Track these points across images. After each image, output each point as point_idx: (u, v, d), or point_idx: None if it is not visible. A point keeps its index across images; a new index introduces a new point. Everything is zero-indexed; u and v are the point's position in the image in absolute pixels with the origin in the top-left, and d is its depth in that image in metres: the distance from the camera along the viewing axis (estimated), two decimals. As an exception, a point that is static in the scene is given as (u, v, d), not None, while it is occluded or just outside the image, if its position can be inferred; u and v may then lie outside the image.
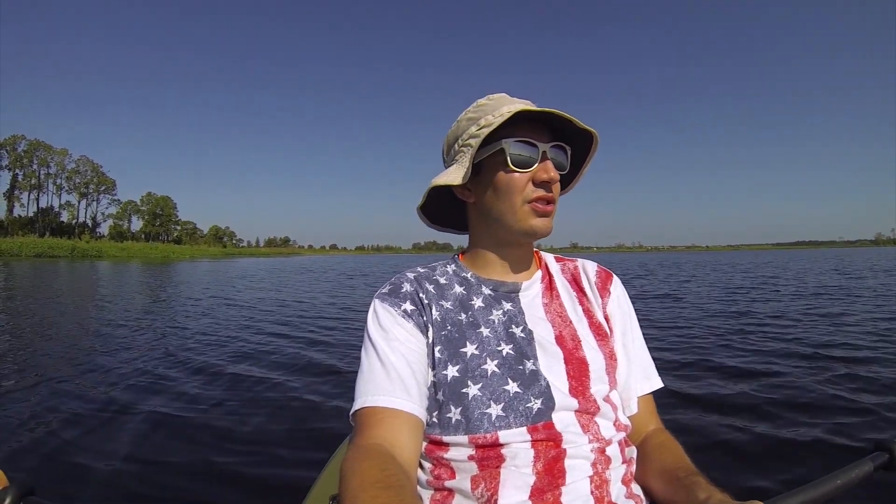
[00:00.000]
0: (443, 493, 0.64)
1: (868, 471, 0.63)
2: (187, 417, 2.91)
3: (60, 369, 4.08)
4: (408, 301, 0.73)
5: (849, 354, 4.17)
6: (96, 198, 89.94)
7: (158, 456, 2.38)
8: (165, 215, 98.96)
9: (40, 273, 19.43)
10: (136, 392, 3.43)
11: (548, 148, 0.71)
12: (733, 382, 3.47)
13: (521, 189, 0.72)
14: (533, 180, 0.71)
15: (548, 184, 0.71)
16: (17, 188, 77.71)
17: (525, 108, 0.70)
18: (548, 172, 0.70)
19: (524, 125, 0.72)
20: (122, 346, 5.13)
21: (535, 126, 0.72)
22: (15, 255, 40.47)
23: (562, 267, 0.84)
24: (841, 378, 3.46)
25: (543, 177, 0.70)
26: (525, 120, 0.72)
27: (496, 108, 0.73)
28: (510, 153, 0.71)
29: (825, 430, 2.54)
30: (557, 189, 0.74)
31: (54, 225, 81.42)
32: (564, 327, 0.74)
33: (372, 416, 0.62)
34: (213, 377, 3.83)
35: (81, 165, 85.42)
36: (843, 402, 2.96)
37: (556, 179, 0.71)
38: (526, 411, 0.64)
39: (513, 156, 0.71)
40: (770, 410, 2.87)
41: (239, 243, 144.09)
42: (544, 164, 0.71)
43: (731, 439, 2.48)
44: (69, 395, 3.34)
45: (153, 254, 57.28)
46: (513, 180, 0.72)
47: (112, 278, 17.32)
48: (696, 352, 4.47)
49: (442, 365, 0.68)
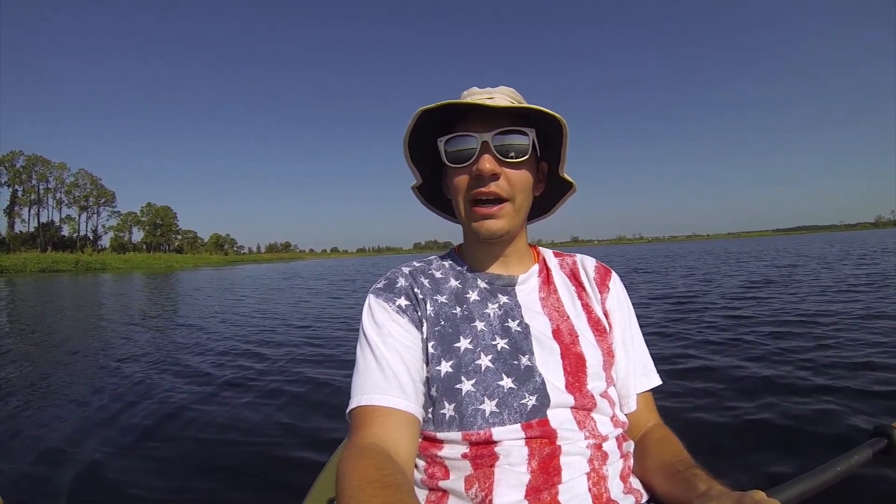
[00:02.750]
0: (437, 494, 0.63)
1: (867, 457, 0.62)
2: (186, 421, 2.93)
3: (59, 380, 4.08)
4: (402, 296, 0.71)
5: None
6: (96, 210, 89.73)
7: (157, 459, 2.40)
8: (166, 225, 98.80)
9: (47, 288, 19.31)
10: (134, 397, 3.43)
11: (490, 137, 0.66)
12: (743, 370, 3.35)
13: (463, 188, 0.70)
14: (471, 176, 0.68)
15: (484, 178, 0.67)
16: (17, 204, 77.54)
17: (438, 105, 0.66)
18: (482, 165, 0.65)
19: (476, 117, 0.68)
20: (121, 353, 5.13)
21: (491, 116, 0.67)
22: (19, 271, 40.33)
23: (560, 262, 0.83)
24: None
25: (475, 171, 0.66)
26: (483, 112, 0.67)
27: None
28: (445, 150, 0.69)
29: (823, 416, 2.50)
30: (521, 179, 0.69)
31: (56, 239, 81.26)
32: (562, 322, 0.72)
33: (368, 415, 0.61)
34: (212, 380, 3.84)
35: (80, 179, 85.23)
36: (845, 388, 2.88)
37: (488, 172, 0.65)
38: (520, 408, 0.63)
39: (448, 153, 0.69)
40: (768, 399, 2.77)
41: (240, 250, 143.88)
42: (481, 157, 0.66)
43: (729, 430, 2.43)
44: (68, 407, 3.31)
45: (156, 264, 57.35)
46: (455, 179, 0.70)
47: (120, 290, 17.23)
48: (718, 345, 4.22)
49: (435, 361, 0.67)
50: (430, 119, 0.69)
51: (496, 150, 0.66)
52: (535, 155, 0.72)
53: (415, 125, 0.69)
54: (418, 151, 0.76)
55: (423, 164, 0.78)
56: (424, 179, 0.80)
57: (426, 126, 0.71)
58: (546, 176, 0.79)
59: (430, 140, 0.72)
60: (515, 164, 0.68)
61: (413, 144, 0.73)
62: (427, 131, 0.72)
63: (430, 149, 0.72)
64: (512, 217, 0.70)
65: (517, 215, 0.71)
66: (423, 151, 0.76)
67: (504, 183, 0.68)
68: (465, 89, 0.75)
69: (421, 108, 0.66)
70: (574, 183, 0.77)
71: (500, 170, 0.67)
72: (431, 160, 0.75)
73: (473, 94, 0.72)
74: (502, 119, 0.67)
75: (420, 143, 0.74)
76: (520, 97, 0.74)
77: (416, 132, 0.71)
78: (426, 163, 0.78)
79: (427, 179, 0.80)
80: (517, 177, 0.68)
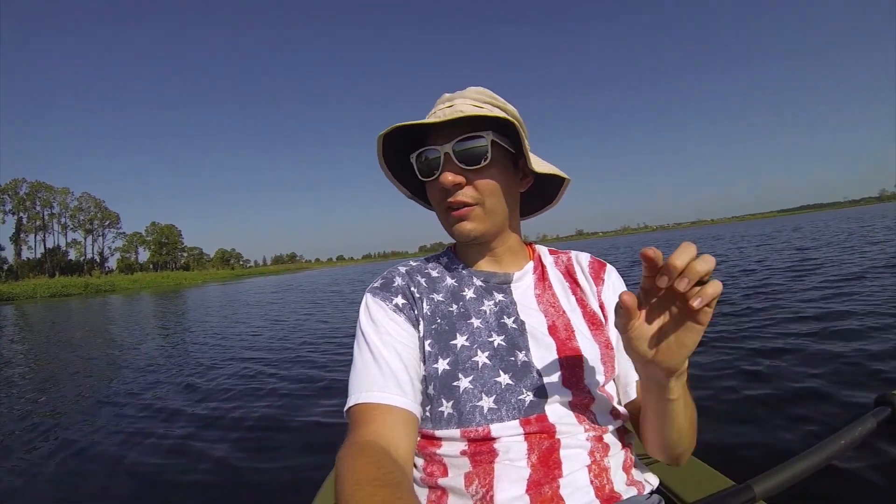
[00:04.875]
0: (437, 492, 0.63)
1: (871, 427, 0.62)
2: (190, 427, 2.94)
3: (64, 408, 3.93)
4: (399, 295, 0.72)
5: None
6: (102, 233, 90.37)
7: (160, 466, 2.40)
8: (171, 243, 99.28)
9: (59, 313, 19.11)
10: (140, 409, 3.45)
11: (450, 148, 0.68)
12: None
13: (437, 198, 0.72)
14: (439, 187, 0.70)
15: (449, 190, 0.69)
16: (22, 231, 78.05)
17: (389, 129, 0.68)
18: (443, 179, 0.68)
19: (439, 128, 0.70)
20: (122, 369, 5.15)
21: (452, 126, 0.69)
22: (30, 298, 40.33)
23: (555, 259, 0.83)
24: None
25: (440, 185, 0.69)
26: (442, 122, 0.69)
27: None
28: (416, 165, 0.72)
29: (826, 385, 2.50)
30: (487, 183, 0.70)
31: (63, 264, 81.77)
32: (558, 317, 0.73)
33: (366, 413, 0.61)
34: (215, 389, 3.84)
35: (84, 202, 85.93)
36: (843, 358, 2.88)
37: (449, 184, 0.68)
38: (518, 404, 0.64)
39: (419, 168, 0.72)
40: (769, 373, 2.80)
41: (246, 264, 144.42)
42: (443, 170, 0.68)
43: (730, 406, 2.42)
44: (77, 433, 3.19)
45: (165, 282, 57.15)
46: (430, 190, 0.73)
47: (130, 311, 17.03)
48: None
49: (432, 358, 0.67)
50: (408, 133, 0.72)
51: (458, 159, 0.68)
52: (504, 153, 0.72)
53: (393, 143, 0.72)
54: (406, 162, 0.76)
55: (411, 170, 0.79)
56: (418, 185, 0.80)
57: (407, 138, 0.73)
58: (532, 170, 0.76)
59: (412, 150, 0.74)
60: (479, 170, 0.69)
61: (394, 158, 0.76)
62: (410, 142, 0.74)
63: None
64: (483, 219, 0.71)
65: (489, 217, 0.71)
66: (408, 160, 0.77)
67: (470, 190, 0.69)
68: (469, 83, 0.75)
69: (379, 134, 0.69)
70: (559, 173, 0.76)
71: (462, 179, 0.68)
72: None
73: (443, 101, 0.73)
74: (463, 127, 0.68)
75: (405, 154, 0.75)
76: (490, 96, 0.73)
77: (398, 147, 0.74)
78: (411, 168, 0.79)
79: (419, 183, 0.80)
80: (482, 181, 0.69)
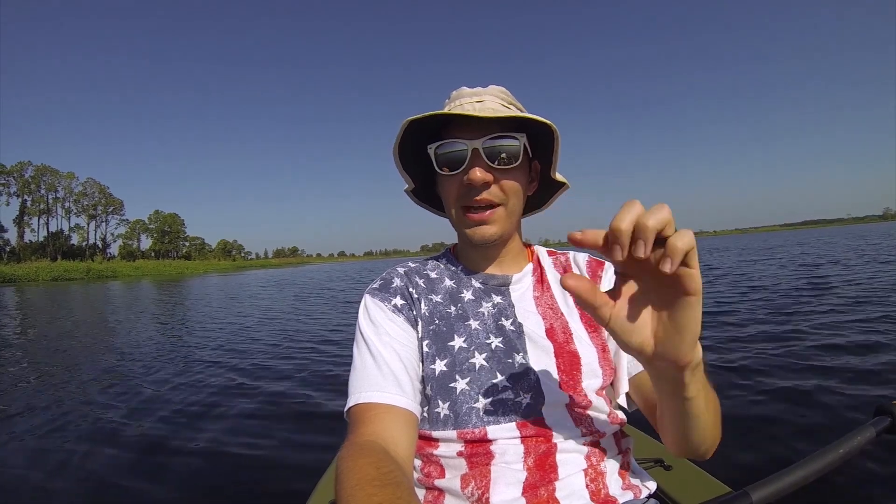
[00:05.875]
0: (434, 493, 0.63)
1: (871, 437, 0.61)
2: (186, 426, 2.93)
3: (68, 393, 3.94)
4: (398, 296, 0.72)
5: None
6: (105, 219, 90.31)
7: (157, 465, 2.39)
8: (174, 232, 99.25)
9: (61, 296, 19.10)
10: (135, 406, 3.43)
11: (480, 144, 0.66)
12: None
13: (455, 193, 0.70)
14: (462, 183, 0.68)
15: (475, 187, 0.67)
16: (26, 214, 78.09)
17: (426, 115, 0.66)
18: (472, 175, 0.65)
19: (466, 122, 0.68)
20: (124, 363, 5.05)
21: (481, 122, 0.67)
22: (32, 280, 40.31)
23: (554, 260, 0.82)
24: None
25: (466, 180, 0.67)
26: (468, 118, 0.67)
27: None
28: (435, 156, 0.69)
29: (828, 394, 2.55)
30: (513, 184, 0.69)
31: (65, 248, 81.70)
32: (556, 320, 0.72)
33: (366, 413, 0.61)
34: (213, 385, 3.85)
35: (88, 188, 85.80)
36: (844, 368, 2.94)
37: (479, 181, 0.66)
38: (514, 406, 0.63)
39: (439, 159, 0.69)
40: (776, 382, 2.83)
41: (247, 256, 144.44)
42: (472, 166, 0.66)
43: (729, 411, 2.34)
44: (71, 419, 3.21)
45: (167, 271, 57.23)
46: (446, 184, 0.71)
47: (134, 297, 17.06)
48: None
49: (430, 359, 0.67)
50: (421, 123, 0.69)
51: (487, 157, 0.66)
52: (526, 157, 0.71)
53: (404, 132, 0.69)
54: (411, 155, 0.75)
55: (417, 166, 0.77)
56: (418, 181, 0.79)
57: (416, 130, 0.70)
58: (539, 174, 0.78)
59: (421, 143, 0.72)
60: (507, 170, 0.68)
61: (404, 149, 0.73)
62: (417, 135, 0.71)
63: (423, 150, 0.72)
64: (504, 221, 0.70)
65: (509, 219, 0.71)
66: (415, 153, 0.75)
67: (496, 189, 0.68)
68: (474, 81, 0.73)
69: (409, 119, 0.66)
70: (567, 182, 0.76)
71: (491, 177, 0.67)
72: (424, 161, 0.74)
73: (463, 95, 0.71)
74: (492, 125, 0.67)
75: (411, 146, 0.73)
76: (510, 97, 0.73)
77: (407, 136, 0.71)
78: (419, 164, 0.77)
79: (421, 180, 0.80)
80: (509, 182, 0.68)
